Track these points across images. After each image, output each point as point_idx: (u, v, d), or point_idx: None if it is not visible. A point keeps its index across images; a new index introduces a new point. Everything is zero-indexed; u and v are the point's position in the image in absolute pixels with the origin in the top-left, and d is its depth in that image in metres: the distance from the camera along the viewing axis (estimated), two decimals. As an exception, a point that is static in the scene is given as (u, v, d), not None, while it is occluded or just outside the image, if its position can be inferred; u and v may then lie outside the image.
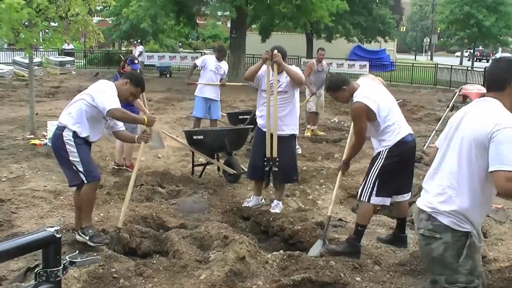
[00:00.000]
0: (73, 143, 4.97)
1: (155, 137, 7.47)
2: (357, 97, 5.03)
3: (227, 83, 10.92)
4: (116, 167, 8.30)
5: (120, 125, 5.39)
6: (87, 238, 5.02)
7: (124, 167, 8.23)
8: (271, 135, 6.19)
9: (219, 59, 10.41)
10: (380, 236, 5.70)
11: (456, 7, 38.68)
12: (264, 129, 6.32)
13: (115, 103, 4.98)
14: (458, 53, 72.75)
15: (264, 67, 6.24)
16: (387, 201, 5.18)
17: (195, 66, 10.64)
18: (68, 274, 4.11)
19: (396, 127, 5.04)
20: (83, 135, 5.03)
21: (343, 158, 5.59)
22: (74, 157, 4.96)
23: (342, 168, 5.55)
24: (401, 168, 5.10)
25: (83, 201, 5.10)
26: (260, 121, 6.48)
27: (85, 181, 5.01)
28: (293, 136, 6.52)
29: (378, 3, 33.25)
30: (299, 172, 8.14)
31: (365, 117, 5.00)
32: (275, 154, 6.18)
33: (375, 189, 5.03)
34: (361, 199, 5.13)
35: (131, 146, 8.13)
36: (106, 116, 5.05)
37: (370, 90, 5.11)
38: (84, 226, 5.08)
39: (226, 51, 11.93)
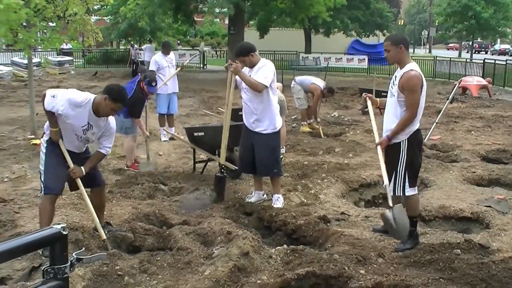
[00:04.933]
0: None
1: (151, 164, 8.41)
2: (411, 66, 4.99)
3: (185, 64, 11.86)
4: (126, 168, 8.35)
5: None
6: None
7: (126, 167, 8.24)
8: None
9: (167, 53, 10.96)
10: (376, 227, 5.70)
11: (454, 0, 38.69)
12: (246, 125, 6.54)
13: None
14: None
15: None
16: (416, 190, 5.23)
17: (153, 71, 10.82)
18: (72, 272, 4.14)
19: (420, 112, 5.04)
20: None
21: (389, 134, 5.08)
22: None
23: (385, 142, 5.11)
24: (420, 156, 5.15)
25: None
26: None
27: None
28: (273, 134, 6.44)
29: (375, -4, 33.28)
30: (300, 167, 8.17)
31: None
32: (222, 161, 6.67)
33: (406, 182, 5.03)
34: (396, 193, 5.11)
35: (132, 147, 8.18)
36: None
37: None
38: None
39: (170, 44, 12.52)
